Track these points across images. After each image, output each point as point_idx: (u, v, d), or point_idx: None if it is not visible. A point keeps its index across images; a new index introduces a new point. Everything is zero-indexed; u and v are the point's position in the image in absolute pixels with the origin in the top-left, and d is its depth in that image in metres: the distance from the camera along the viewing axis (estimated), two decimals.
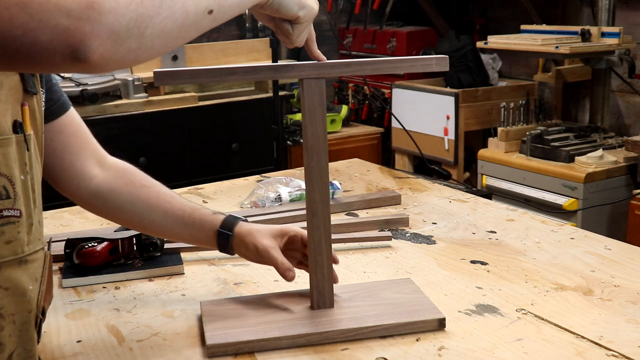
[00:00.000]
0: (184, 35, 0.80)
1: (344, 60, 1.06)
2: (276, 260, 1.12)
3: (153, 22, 0.74)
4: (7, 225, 0.87)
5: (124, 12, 0.71)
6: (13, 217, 0.88)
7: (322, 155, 1.06)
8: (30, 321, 0.92)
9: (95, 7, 0.69)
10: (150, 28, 0.74)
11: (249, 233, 1.15)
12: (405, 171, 2.32)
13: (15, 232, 0.88)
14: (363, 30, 4.17)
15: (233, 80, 1.06)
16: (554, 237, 1.49)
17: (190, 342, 1.06)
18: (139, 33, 0.73)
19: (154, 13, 0.74)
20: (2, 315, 0.88)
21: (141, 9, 0.73)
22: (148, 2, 0.74)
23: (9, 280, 0.88)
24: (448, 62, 1.08)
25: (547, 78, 3.66)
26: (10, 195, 0.87)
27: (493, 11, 4.20)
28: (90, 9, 0.69)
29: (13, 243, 0.88)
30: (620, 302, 1.17)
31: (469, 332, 1.08)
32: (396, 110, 3.65)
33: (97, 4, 0.69)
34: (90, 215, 1.67)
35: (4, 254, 0.87)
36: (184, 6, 0.78)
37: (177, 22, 0.78)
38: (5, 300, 0.87)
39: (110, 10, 0.70)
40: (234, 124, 3.27)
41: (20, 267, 0.89)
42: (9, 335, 0.89)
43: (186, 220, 1.16)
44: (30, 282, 0.91)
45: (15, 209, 0.88)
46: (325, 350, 1.04)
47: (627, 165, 2.93)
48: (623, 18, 3.33)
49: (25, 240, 0.89)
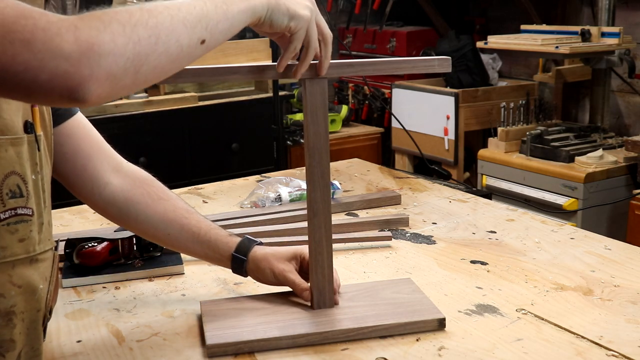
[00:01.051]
0: (178, 67, 0.83)
1: (347, 61, 1.06)
2: (293, 282, 1.14)
3: (149, 59, 0.77)
4: (20, 224, 0.87)
5: (121, 52, 0.73)
6: (26, 216, 0.88)
7: (323, 155, 1.07)
8: (39, 320, 0.92)
9: (95, 50, 0.71)
10: (146, 65, 0.77)
11: (264, 258, 1.15)
12: (405, 171, 2.32)
13: (28, 231, 0.88)
14: (363, 30, 4.17)
15: (235, 80, 1.06)
16: (554, 237, 1.49)
17: (190, 342, 1.06)
18: (134, 71, 0.75)
19: (150, 50, 0.76)
20: (15, 313, 0.88)
21: (138, 47, 0.75)
22: (144, 40, 0.76)
23: (22, 278, 0.88)
24: (451, 63, 1.08)
25: (547, 78, 3.66)
26: (24, 193, 0.88)
27: (493, 11, 4.20)
28: (89, 51, 0.71)
29: (26, 241, 0.88)
30: (620, 302, 1.17)
31: (469, 332, 1.08)
32: (396, 110, 3.64)
33: (96, 46, 0.71)
34: (90, 215, 1.68)
35: (18, 251, 0.87)
36: (178, 40, 0.80)
37: (172, 57, 0.80)
38: (18, 298, 0.88)
39: (109, 52, 0.72)
40: (234, 124, 3.27)
41: (32, 265, 0.89)
42: (19, 334, 0.89)
43: (201, 238, 1.16)
44: (41, 281, 0.91)
45: (28, 208, 0.88)
46: (325, 350, 1.04)
47: (627, 165, 2.93)
48: (623, 18, 3.33)
49: (36, 239, 0.90)
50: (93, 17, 0.73)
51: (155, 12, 0.79)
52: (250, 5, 0.91)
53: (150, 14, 0.78)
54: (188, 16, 0.82)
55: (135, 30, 0.75)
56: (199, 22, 0.83)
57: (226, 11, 0.87)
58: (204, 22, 0.84)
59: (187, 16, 0.82)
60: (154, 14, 0.78)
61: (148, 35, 0.76)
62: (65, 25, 0.71)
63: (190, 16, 0.82)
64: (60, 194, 1.17)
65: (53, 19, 0.71)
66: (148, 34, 0.76)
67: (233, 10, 0.88)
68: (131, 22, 0.75)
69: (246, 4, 0.90)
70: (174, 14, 0.80)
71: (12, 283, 0.87)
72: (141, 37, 0.75)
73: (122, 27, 0.74)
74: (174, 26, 0.79)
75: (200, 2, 0.85)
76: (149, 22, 0.77)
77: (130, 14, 0.76)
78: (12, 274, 0.87)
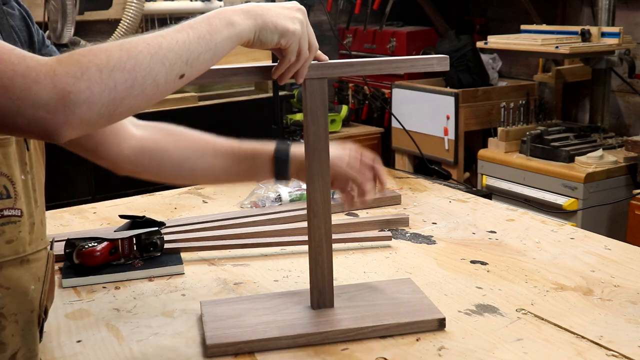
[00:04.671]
0: (154, 102, 0.83)
1: (347, 61, 1.05)
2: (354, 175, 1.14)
3: (123, 102, 0.78)
4: (7, 225, 0.87)
5: (97, 100, 0.75)
6: (14, 217, 0.88)
7: (323, 156, 1.07)
8: (33, 320, 0.92)
9: (71, 98, 0.73)
10: (121, 107, 0.78)
11: None
12: (405, 171, 2.32)
13: (17, 232, 0.88)
14: (363, 30, 4.17)
15: (235, 81, 1.06)
16: (554, 237, 1.49)
17: (190, 342, 1.06)
18: (109, 114, 0.77)
19: (125, 94, 0.77)
20: (4, 315, 0.88)
21: (114, 93, 0.76)
22: (121, 85, 0.76)
23: (10, 280, 0.88)
24: (449, 62, 1.08)
25: (547, 78, 3.66)
26: (11, 194, 0.87)
27: (493, 11, 4.20)
28: (65, 99, 0.72)
29: (14, 243, 0.88)
30: (620, 302, 1.17)
31: (469, 332, 1.08)
32: (396, 110, 3.65)
33: (73, 95, 0.73)
34: (90, 215, 1.68)
35: (5, 253, 0.87)
36: (155, 80, 0.80)
37: (148, 96, 0.80)
38: (7, 299, 0.88)
39: (84, 100, 0.73)
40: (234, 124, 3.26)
41: (22, 266, 0.89)
42: (12, 335, 0.89)
43: (237, 155, 1.16)
44: (32, 282, 0.91)
45: (16, 209, 0.88)
46: (325, 350, 1.04)
47: (627, 165, 2.93)
48: (623, 18, 3.33)
49: (26, 239, 0.89)
50: (72, 62, 0.74)
51: (134, 51, 0.78)
52: (236, 32, 0.90)
53: (129, 54, 0.78)
54: (169, 53, 0.81)
55: (112, 75, 0.75)
56: (180, 57, 0.82)
57: (209, 41, 0.86)
58: (184, 56, 0.83)
59: (167, 54, 0.81)
60: (132, 54, 0.78)
61: (124, 80, 0.76)
62: (44, 70, 0.72)
63: (170, 53, 0.81)
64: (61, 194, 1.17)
65: (31, 63, 0.73)
66: (124, 78, 0.76)
67: (217, 39, 0.87)
68: (109, 66, 0.75)
69: (231, 30, 0.89)
70: (154, 52, 0.80)
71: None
72: (117, 82, 0.76)
73: (99, 73, 0.75)
74: (152, 66, 0.79)
75: (183, 33, 0.84)
76: (127, 64, 0.77)
77: (108, 56, 0.76)
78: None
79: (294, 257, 1.40)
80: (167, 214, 1.67)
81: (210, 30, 0.86)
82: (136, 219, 1.45)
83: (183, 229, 1.50)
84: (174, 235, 1.44)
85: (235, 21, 0.90)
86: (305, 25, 0.97)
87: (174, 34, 0.83)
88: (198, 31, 0.85)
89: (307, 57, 0.98)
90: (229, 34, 0.89)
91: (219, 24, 0.88)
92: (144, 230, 1.36)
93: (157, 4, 3.59)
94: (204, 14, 0.90)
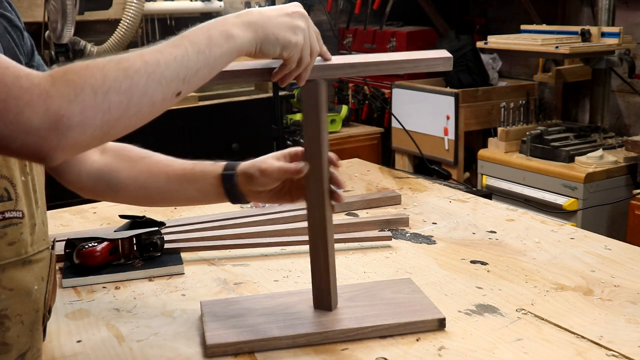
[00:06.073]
0: (148, 121, 0.81)
1: (348, 61, 1.05)
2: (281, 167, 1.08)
3: (117, 123, 0.76)
4: (9, 227, 0.87)
5: (90, 123, 0.73)
6: (15, 219, 0.88)
7: (323, 156, 1.06)
8: (39, 320, 0.92)
9: (64, 122, 0.71)
10: (114, 129, 0.77)
11: (251, 165, 1.11)
12: (405, 171, 2.32)
13: (18, 233, 0.88)
14: (363, 30, 4.17)
15: (237, 82, 1.05)
16: (554, 237, 1.49)
17: (190, 342, 1.06)
18: (102, 136, 0.76)
19: (119, 115, 0.76)
20: (8, 316, 0.88)
21: (107, 116, 0.75)
22: (115, 107, 0.75)
23: (13, 281, 0.88)
24: (452, 62, 1.07)
25: (547, 78, 3.66)
26: (12, 196, 0.87)
27: (493, 11, 4.20)
28: (57, 123, 0.71)
29: (16, 244, 0.88)
30: (620, 302, 1.17)
31: (469, 332, 1.08)
32: (396, 110, 3.64)
33: (65, 119, 0.71)
34: (90, 215, 1.68)
35: (7, 255, 0.87)
36: (151, 99, 0.79)
37: (143, 116, 0.79)
38: (10, 301, 0.88)
39: (77, 124, 0.72)
40: (234, 124, 3.27)
41: (25, 267, 0.89)
42: (17, 336, 0.89)
43: (188, 177, 1.14)
44: (36, 282, 0.91)
45: (17, 210, 0.88)
46: (325, 350, 1.04)
47: (627, 165, 2.93)
48: (623, 18, 3.33)
49: (28, 241, 0.90)
50: (66, 82, 0.72)
51: (131, 70, 0.76)
52: (236, 45, 0.88)
53: (126, 74, 0.76)
54: (166, 71, 0.79)
55: (107, 97, 0.74)
56: (177, 75, 0.81)
57: (208, 56, 0.84)
58: (182, 74, 0.81)
59: (164, 72, 0.79)
60: (129, 73, 0.76)
61: (119, 101, 0.75)
62: (37, 92, 0.71)
63: (168, 71, 0.79)
64: (61, 194, 1.17)
65: (25, 84, 0.71)
66: (119, 100, 0.75)
67: (215, 54, 0.85)
68: (104, 87, 0.74)
69: (230, 44, 0.87)
70: (152, 71, 0.78)
71: (2, 286, 0.87)
72: (112, 105, 0.74)
73: (94, 96, 0.73)
74: (148, 86, 0.78)
75: (182, 48, 0.82)
76: (123, 85, 0.75)
77: (104, 75, 0.74)
78: (2, 278, 0.87)
79: (294, 257, 1.40)
80: (167, 214, 1.66)
81: (209, 44, 0.85)
82: (136, 219, 1.45)
83: (183, 229, 1.50)
84: (174, 235, 1.45)
85: (235, 34, 0.88)
86: (308, 31, 0.96)
87: (172, 50, 0.81)
88: (197, 46, 0.83)
89: (308, 63, 0.98)
90: (228, 48, 0.87)
91: (219, 37, 0.86)
92: (144, 230, 1.36)
93: (157, 4, 3.59)
94: (204, 23, 0.88)
